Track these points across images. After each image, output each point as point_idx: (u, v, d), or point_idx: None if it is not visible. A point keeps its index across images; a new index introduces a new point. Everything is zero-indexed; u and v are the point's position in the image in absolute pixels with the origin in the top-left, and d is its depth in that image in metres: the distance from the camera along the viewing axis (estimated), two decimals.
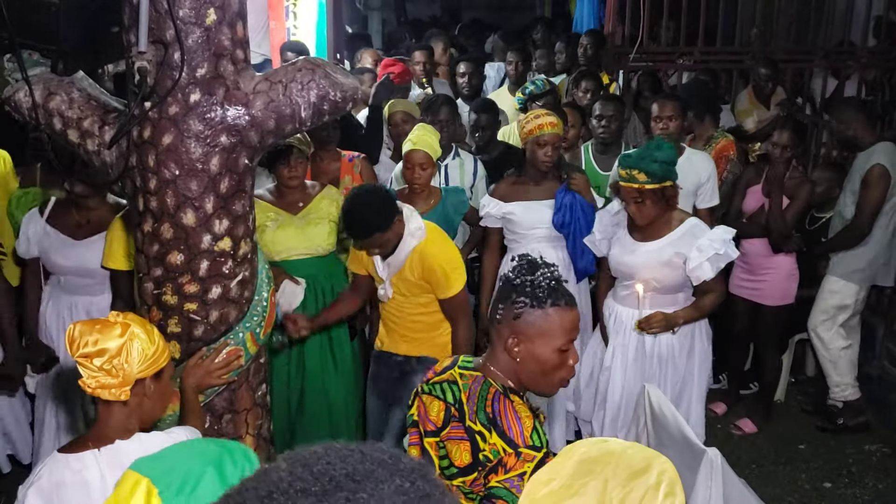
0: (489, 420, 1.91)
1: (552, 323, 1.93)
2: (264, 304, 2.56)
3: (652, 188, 3.28)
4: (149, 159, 2.33)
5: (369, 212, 3.09)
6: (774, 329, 4.45)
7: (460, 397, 1.98)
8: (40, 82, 2.47)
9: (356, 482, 0.89)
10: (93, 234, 3.46)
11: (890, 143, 4.17)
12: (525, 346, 1.94)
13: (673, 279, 3.39)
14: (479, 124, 4.61)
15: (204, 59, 2.28)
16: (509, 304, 1.95)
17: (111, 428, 1.96)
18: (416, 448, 2.08)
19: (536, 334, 1.93)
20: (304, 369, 3.77)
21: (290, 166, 3.60)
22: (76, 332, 1.88)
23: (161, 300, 2.42)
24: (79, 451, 1.94)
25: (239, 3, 2.34)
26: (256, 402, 2.65)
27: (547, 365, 1.95)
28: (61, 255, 3.46)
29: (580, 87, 5.37)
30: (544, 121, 3.81)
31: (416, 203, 3.88)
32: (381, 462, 0.93)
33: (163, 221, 2.36)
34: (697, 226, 3.40)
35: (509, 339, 1.95)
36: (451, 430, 1.97)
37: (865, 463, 4.23)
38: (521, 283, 1.95)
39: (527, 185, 3.91)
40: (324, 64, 2.42)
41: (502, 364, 1.99)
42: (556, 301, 1.93)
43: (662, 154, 3.28)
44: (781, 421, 4.63)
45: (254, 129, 2.35)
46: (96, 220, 3.47)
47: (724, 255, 3.32)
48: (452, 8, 12.83)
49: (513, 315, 1.95)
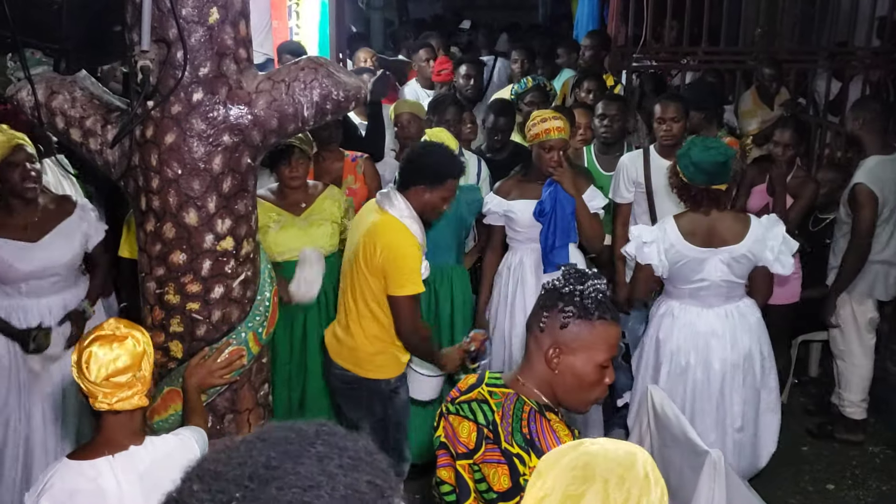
0: (527, 442, 1.84)
1: (597, 337, 1.87)
2: (267, 303, 2.56)
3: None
4: (151, 158, 2.33)
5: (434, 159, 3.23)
6: (780, 329, 4.43)
7: (493, 418, 1.89)
8: (43, 81, 2.47)
9: (273, 468, 0.90)
10: (47, 230, 3.31)
11: (877, 158, 4.13)
12: (566, 357, 1.88)
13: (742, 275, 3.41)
14: (497, 126, 4.60)
15: (207, 58, 2.27)
16: (556, 312, 1.88)
17: (122, 434, 1.94)
18: (448, 471, 1.98)
19: (580, 347, 1.87)
20: (306, 369, 3.76)
21: (291, 166, 3.58)
22: (96, 358, 1.85)
23: (163, 299, 2.42)
24: (92, 458, 1.91)
25: (241, 2, 2.34)
26: (259, 402, 2.64)
27: (585, 380, 1.89)
28: (22, 260, 3.26)
29: (583, 87, 5.36)
30: (551, 125, 3.75)
31: None
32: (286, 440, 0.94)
33: (165, 221, 2.36)
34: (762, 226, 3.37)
35: (550, 349, 1.88)
36: (487, 452, 1.88)
37: (869, 465, 4.21)
38: (569, 293, 1.88)
39: (531, 185, 3.89)
40: (326, 63, 2.41)
41: (537, 375, 1.92)
42: (602, 314, 1.87)
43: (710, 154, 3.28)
44: (784, 422, 4.60)
45: (256, 128, 2.34)
46: (44, 217, 3.32)
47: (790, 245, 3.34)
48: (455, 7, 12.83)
49: (559, 324, 1.88)
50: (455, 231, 3.94)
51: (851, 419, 4.36)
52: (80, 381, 1.87)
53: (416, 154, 3.30)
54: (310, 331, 3.74)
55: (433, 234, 3.83)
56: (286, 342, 3.72)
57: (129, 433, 1.95)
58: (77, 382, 1.88)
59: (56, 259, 3.32)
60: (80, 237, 3.39)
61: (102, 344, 1.87)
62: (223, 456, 0.94)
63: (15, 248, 3.25)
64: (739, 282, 3.42)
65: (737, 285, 3.42)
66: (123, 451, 1.92)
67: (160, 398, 2.49)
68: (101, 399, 1.87)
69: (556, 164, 3.78)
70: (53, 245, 3.31)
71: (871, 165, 4.09)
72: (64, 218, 3.37)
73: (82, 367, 1.85)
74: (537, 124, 3.79)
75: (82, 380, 1.86)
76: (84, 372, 1.85)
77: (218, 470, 0.92)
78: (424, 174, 3.19)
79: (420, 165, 3.22)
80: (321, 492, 0.90)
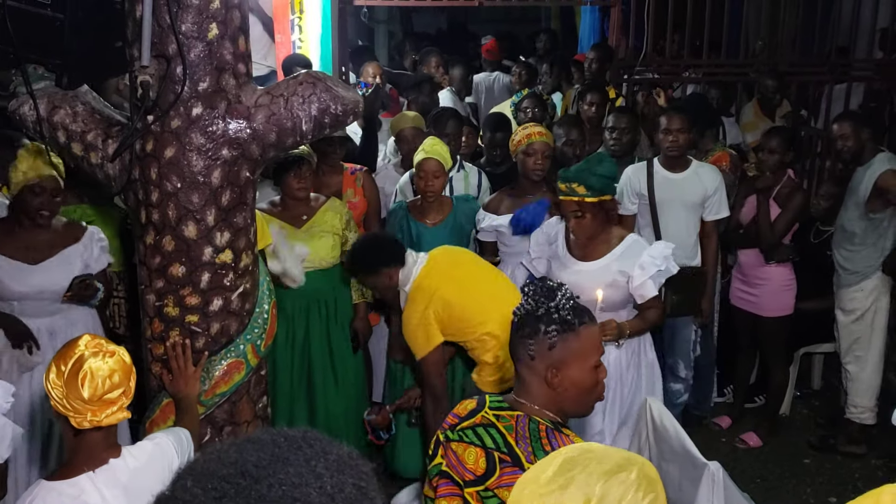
0: None
1: (584, 343, 1.90)
2: (265, 316, 2.57)
3: (591, 201, 3.24)
4: (151, 172, 2.35)
5: (361, 253, 3.36)
6: (777, 341, 4.43)
7: (507, 440, 1.88)
8: (45, 96, 2.49)
9: (264, 467, 0.95)
10: (49, 255, 3.24)
11: (888, 153, 4.17)
12: (564, 373, 1.89)
13: (617, 297, 3.33)
14: (495, 142, 4.63)
15: (206, 73, 2.30)
16: (540, 336, 1.88)
17: (101, 448, 1.92)
18: (452, 500, 1.94)
19: (573, 359, 1.89)
20: (309, 382, 3.77)
21: (299, 177, 3.62)
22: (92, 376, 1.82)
23: (163, 312, 2.44)
24: (71, 477, 1.88)
25: (241, 17, 2.37)
26: (257, 414, 2.65)
27: (585, 386, 1.92)
28: (17, 281, 3.20)
29: (585, 100, 5.39)
30: (531, 130, 3.88)
31: (429, 213, 3.90)
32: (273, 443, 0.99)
33: (164, 234, 2.37)
34: (637, 242, 3.36)
35: (548, 372, 1.88)
36: (504, 476, 1.84)
37: (871, 477, 4.19)
38: (546, 312, 1.88)
39: (520, 199, 3.91)
40: (325, 77, 2.44)
41: (540, 397, 1.91)
42: (582, 320, 1.90)
43: (603, 168, 3.26)
44: (786, 435, 4.60)
45: (255, 142, 2.36)
46: (50, 239, 3.26)
47: (665, 271, 3.29)
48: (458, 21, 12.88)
49: (548, 346, 1.88)
50: (454, 240, 3.94)
51: (857, 430, 4.35)
52: (65, 401, 1.82)
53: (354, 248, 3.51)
54: (312, 342, 3.75)
55: (433, 243, 3.85)
56: (287, 355, 3.73)
57: (107, 447, 1.93)
58: (57, 403, 1.83)
59: (51, 284, 3.23)
60: (79, 265, 3.29)
61: (95, 360, 1.84)
62: (214, 456, 0.99)
63: (12, 267, 3.20)
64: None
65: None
66: (104, 465, 1.90)
67: (159, 410, 2.50)
68: (90, 417, 1.83)
69: (539, 167, 3.81)
70: (52, 270, 3.24)
71: (888, 157, 4.11)
72: (69, 244, 3.29)
73: (75, 385, 1.81)
74: (518, 133, 3.91)
75: (69, 399, 1.82)
76: (78, 390, 1.81)
77: (210, 469, 0.97)
78: (359, 264, 3.38)
79: (353, 256, 3.43)
80: (310, 489, 0.95)
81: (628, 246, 3.32)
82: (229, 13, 2.31)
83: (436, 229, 3.90)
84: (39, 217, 3.18)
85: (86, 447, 1.91)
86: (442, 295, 3.20)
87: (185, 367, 2.39)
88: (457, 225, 3.93)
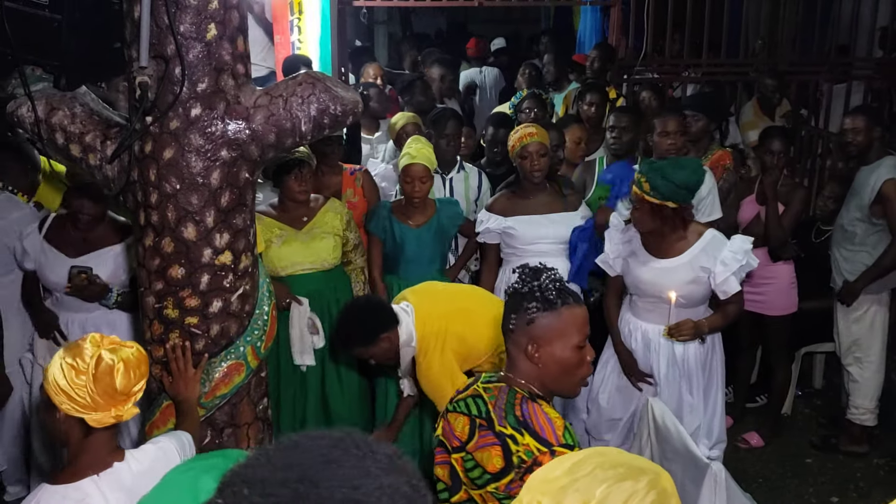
0: (519, 423, 1.94)
1: (566, 322, 1.99)
2: (265, 317, 2.56)
3: (651, 201, 3.26)
4: (150, 174, 2.34)
5: (354, 326, 3.08)
6: (781, 340, 4.42)
7: (487, 408, 2.01)
8: (43, 97, 2.48)
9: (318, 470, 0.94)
10: (87, 251, 3.38)
11: (895, 158, 4.15)
12: (544, 349, 1.99)
13: (699, 293, 3.37)
14: (497, 139, 4.62)
15: (205, 74, 2.29)
16: (521, 312, 2.00)
17: (106, 451, 1.92)
18: (443, 468, 2.10)
19: (554, 336, 1.98)
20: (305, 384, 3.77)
21: (300, 179, 3.61)
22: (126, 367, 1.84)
23: (162, 314, 2.43)
24: (75, 481, 1.87)
25: (240, 18, 2.36)
26: (258, 416, 2.64)
27: (568, 364, 2.01)
28: (54, 272, 3.37)
29: (585, 100, 5.38)
30: (524, 132, 3.85)
31: (414, 215, 3.89)
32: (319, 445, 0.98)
33: (164, 235, 2.36)
34: (717, 238, 3.36)
35: (528, 345, 2.00)
36: (480, 438, 1.99)
37: (873, 477, 4.19)
38: (529, 291, 2.00)
39: (525, 200, 3.90)
40: (324, 78, 2.43)
41: (524, 372, 2.02)
42: (565, 301, 1.99)
43: (678, 175, 3.21)
44: (788, 434, 4.59)
45: (254, 143, 2.35)
46: (94, 238, 3.40)
47: (746, 266, 3.31)
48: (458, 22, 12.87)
49: (526, 321, 1.99)
50: (438, 244, 3.95)
51: (858, 429, 4.34)
52: (88, 398, 1.81)
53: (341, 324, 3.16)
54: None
55: (416, 245, 3.86)
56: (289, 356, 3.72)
57: (111, 449, 1.92)
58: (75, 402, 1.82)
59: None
60: (112, 267, 3.39)
61: (121, 352, 1.85)
62: (262, 461, 0.98)
63: (54, 256, 3.38)
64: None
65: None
66: (107, 468, 1.89)
67: (159, 412, 2.49)
68: (115, 412, 1.83)
69: (538, 168, 3.80)
70: (84, 265, 3.34)
71: (894, 163, 4.09)
72: (110, 244, 3.40)
73: (106, 378, 1.80)
74: (513, 136, 3.89)
75: (95, 395, 1.80)
76: (108, 383, 1.81)
77: (264, 476, 0.95)
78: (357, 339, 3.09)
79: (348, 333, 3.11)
80: (369, 490, 0.94)
81: (708, 241, 3.34)
82: (228, 13, 2.30)
83: (419, 231, 3.89)
84: (81, 220, 3.36)
85: (92, 449, 1.90)
86: (454, 331, 3.10)
87: (185, 369, 2.38)
88: (440, 227, 3.92)
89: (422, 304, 3.16)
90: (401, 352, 3.10)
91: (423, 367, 3.08)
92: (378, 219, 3.93)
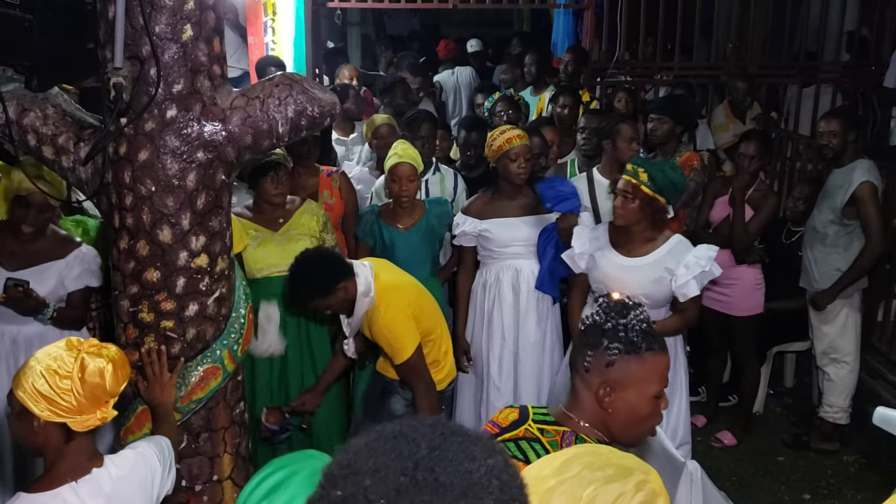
0: None
1: (648, 370, 1.80)
2: (242, 321, 2.54)
3: (645, 192, 3.29)
4: (125, 176, 2.31)
5: (309, 277, 3.09)
6: (748, 340, 4.48)
7: None
8: (14, 98, 2.44)
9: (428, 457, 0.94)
10: (28, 265, 3.20)
11: (868, 161, 4.21)
12: (618, 394, 1.80)
13: (661, 294, 3.40)
14: (469, 142, 4.62)
15: (180, 75, 2.27)
16: (600, 351, 1.80)
17: (85, 457, 1.89)
18: None
19: (632, 383, 1.79)
20: (287, 385, 3.74)
21: (276, 182, 3.58)
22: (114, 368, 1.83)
23: (137, 318, 2.40)
24: (53, 488, 1.84)
25: (216, 18, 2.34)
26: (234, 420, 2.62)
27: (640, 414, 1.82)
28: None
29: (559, 102, 5.41)
30: (511, 134, 3.80)
31: (402, 218, 3.87)
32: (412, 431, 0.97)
33: (139, 238, 2.34)
34: (682, 242, 3.40)
35: (600, 388, 1.80)
36: None
37: (844, 474, 4.25)
38: (612, 328, 1.81)
39: (501, 202, 3.88)
40: (301, 79, 2.42)
41: (589, 415, 1.83)
42: (650, 346, 1.80)
43: (674, 173, 3.35)
44: (760, 433, 4.65)
45: (231, 144, 2.34)
46: (37, 252, 3.23)
47: (708, 272, 3.34)
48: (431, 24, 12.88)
49: (605, 362, 1.80)
50: (428, 243, 3.93)
51: (830, 427, 4.41)
52: (73, 401, 1.79)
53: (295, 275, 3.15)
54: (291, 344, 3.71)
55: (407, 248, 3.84)
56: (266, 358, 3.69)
57: (90, 455, 1.90)
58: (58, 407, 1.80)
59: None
60: (54, 283, 3.25)
61: (107, 352, 1.83)
62: (365, 453, 0.96)
63: None
64: None
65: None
66: (86, 474, 1.87)
67: (134, 417, 2.46)
68: (100, 415, 1.81)
69: (523, 171, 3.80)
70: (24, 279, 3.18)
71: (868, 166, 4.16)
72: (51, 259, 3.25)
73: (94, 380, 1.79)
74: (497, 138, 3.84)
75: (81, 398, 1.79)
76: (97, 384, 1.79)
77: (376, 466, 0.93)
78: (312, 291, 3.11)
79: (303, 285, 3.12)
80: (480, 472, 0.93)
81: (674, 245, 3.38)
82: (204, 14, 2.28)
83: (408, 234, 3.87)
84: (23, 231, 3.17)
85: (72, 455, 1.87)
86: (409, 292, 3.24)
87: (161, 373, 2.36)
88: (429, 228, 3.90)
89: (379, 263, 3.31)
90: (357, 303, 3.13)
91: (383, 318, 3.13)
92: (365, 224, 3.91)
